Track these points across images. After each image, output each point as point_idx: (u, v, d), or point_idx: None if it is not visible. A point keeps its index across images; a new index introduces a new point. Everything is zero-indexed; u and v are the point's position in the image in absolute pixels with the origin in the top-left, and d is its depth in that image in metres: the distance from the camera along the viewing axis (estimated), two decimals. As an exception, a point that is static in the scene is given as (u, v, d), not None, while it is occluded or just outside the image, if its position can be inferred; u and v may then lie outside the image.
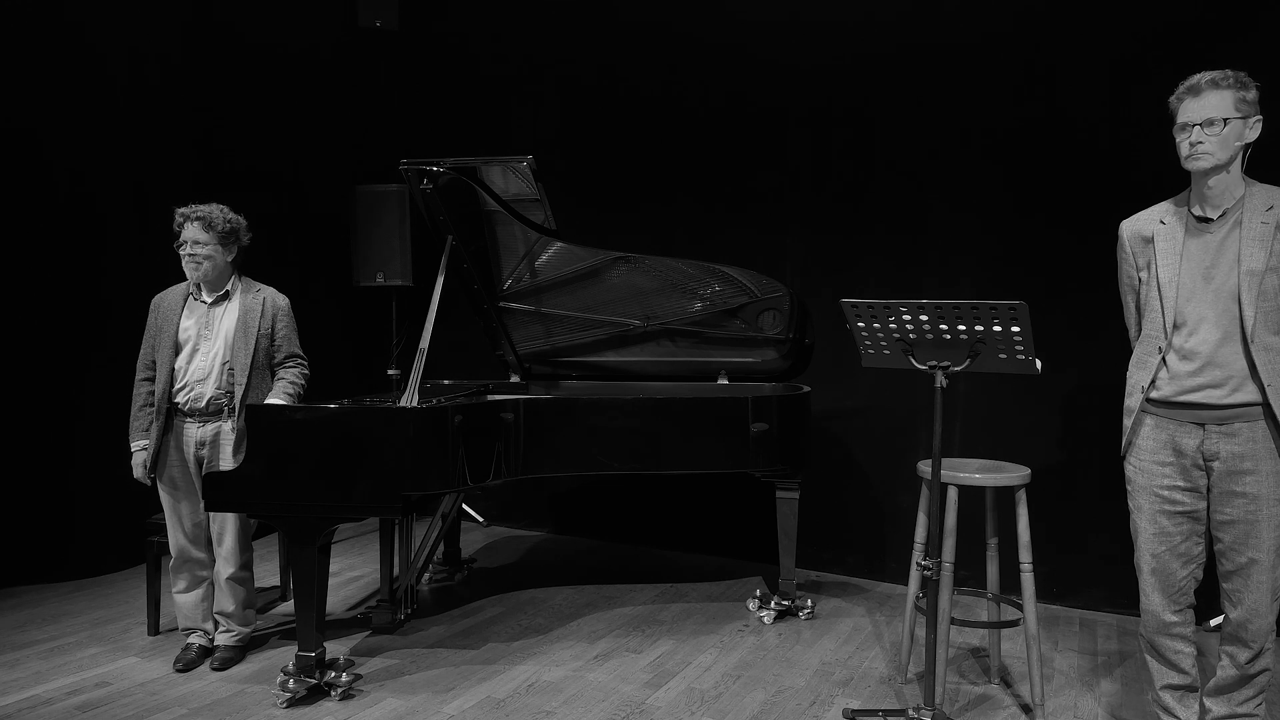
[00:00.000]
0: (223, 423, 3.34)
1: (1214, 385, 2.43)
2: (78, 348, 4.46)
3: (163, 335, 3.34)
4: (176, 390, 3.32)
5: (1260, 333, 2.38)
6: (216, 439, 3.34)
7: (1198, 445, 2.48)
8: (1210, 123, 2.36)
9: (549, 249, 4.23)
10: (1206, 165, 2.38)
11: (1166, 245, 2.53)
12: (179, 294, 3.43)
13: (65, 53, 4.35)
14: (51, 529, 4.40)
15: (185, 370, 3.32)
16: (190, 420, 3.32)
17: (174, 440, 3.34)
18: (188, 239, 3.30)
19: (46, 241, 4.34)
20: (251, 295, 3.43)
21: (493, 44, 5.56)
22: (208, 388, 3.32)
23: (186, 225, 3.30)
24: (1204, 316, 2.45)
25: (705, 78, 4.91)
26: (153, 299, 3.44)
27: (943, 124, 4.37)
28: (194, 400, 3.31)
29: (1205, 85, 2.38)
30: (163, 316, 3.37)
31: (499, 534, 5.49)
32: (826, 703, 3.16)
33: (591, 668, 3.44)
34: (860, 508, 4.64)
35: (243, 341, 3.34)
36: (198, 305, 3.38)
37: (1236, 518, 2.44)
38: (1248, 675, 2.52)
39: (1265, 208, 2.41)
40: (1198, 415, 2.47)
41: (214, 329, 3.35)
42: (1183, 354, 2.47)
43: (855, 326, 2.80)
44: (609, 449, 3.70)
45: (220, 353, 3.34)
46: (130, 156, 4.62)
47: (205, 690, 3.21)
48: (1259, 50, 3.67)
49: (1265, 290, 2.38)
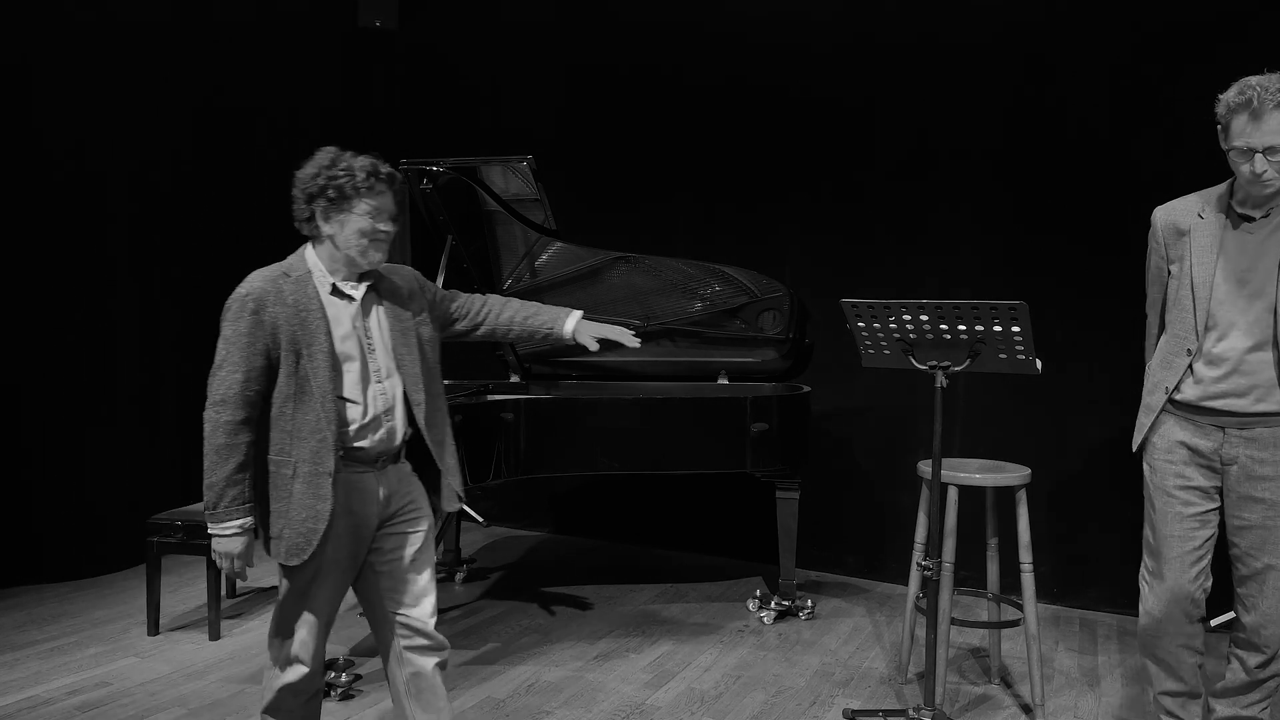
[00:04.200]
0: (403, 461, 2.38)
1: (1238, 394, 2.34)
2: (78, 347, 4.46)
3: (307, 348, 2.16)
4: (357, 429, 2.22)
5: None
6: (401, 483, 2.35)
7: (1215, 448, 2.40)
8: (1273, 150, 2.16)
9: (549, 249, 4.23)
10: (1273, 190, 2.23)
11: (1204, 242, 2.38)
12: (303, 282, 2.21)
13: (61, 54, 4.35)
14: (52, 529, 4.39)
15: (362, 400, 2.23)
16: (369, 469, 2.26)
17: (344, 503, 2.21)
18: (382, 208, 2.23)
19: (46, 241, 4.34)
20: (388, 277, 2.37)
21: (492, 43, 5.55)
22: (396, 419, 2.30)
23: (376, 187, 2.22)
24: (1234, 322, 2.33)
25: (706, 77, 4.91)
26: (241, 290, 2.19)
27: (944, 123, 4.37)
28: (387, 441, 2.28)
29: (1268, 107, 2.14)
30: (296, 319, 2.17)
31: (499, 534, 5.48)
32: (826, 703, 3.16)
33: (591, 668, 3.44)
34: (860, 508, 4.64)
35: (403, 343, 2.33)
36: (343, 302, 2.25)
37: (1254, 523, 2.37)
38: (1257, 680, 2.47)
39: None
40: (1219, 420, 2.39)
41: (374, 335, 2.30)
42: (1209, 359, 2.37)
43: (855, 326, 2.80)
44: (609, 449, 3.70)
45: (395, 368, 2.31)
46: (130, 156, 4.62)
47: (205, 690, 3.20)
48: (1259, 50, 3.66)
49: None
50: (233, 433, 2.14)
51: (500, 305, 2.59)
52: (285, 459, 2.18)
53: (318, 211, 2.21)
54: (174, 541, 3.66)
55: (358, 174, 2.19)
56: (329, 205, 2.20)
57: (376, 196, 2.21)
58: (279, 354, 2.16)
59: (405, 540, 2.32)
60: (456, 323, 2.54)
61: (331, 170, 2.19)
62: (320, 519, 2.16)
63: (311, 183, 2.21)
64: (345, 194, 2.18)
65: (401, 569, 2.31)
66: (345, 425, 2.20)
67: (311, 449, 2.16)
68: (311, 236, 2.27)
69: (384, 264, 2.32)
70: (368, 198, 2.19)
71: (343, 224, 2.20)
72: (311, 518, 2.16)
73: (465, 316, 2.55)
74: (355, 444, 2.22)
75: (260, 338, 2.15)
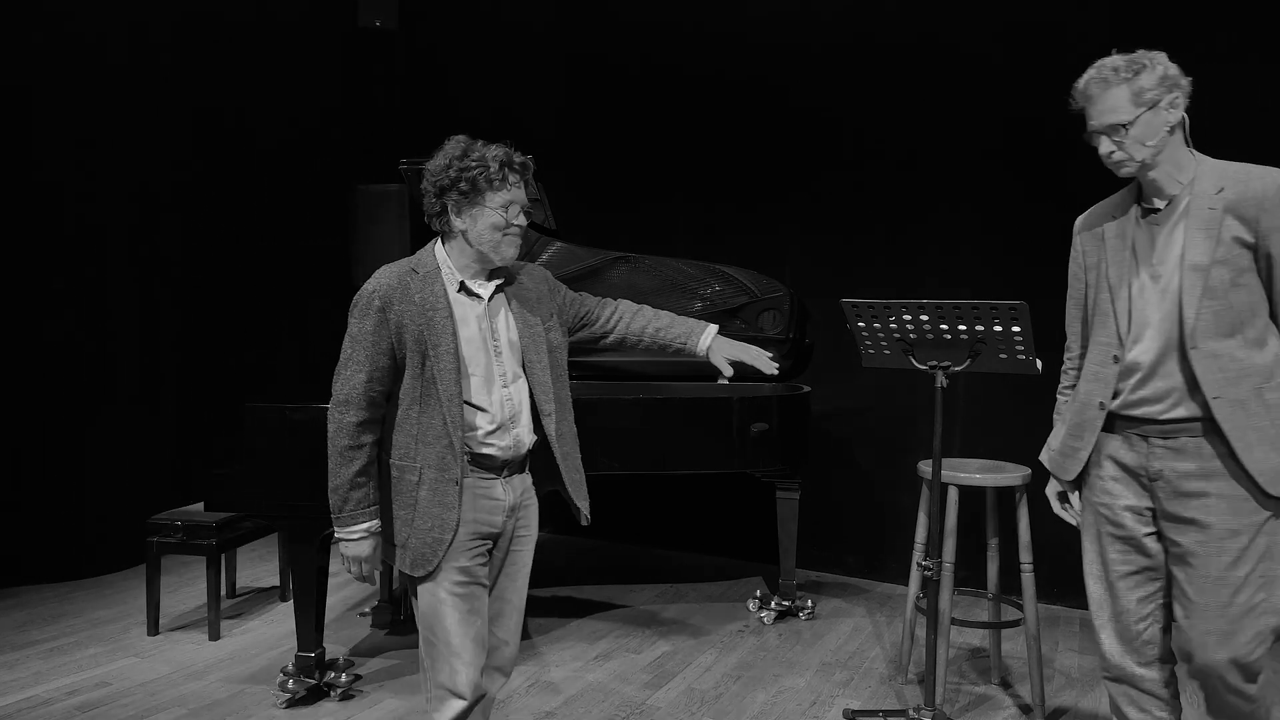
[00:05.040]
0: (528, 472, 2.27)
1: (1155, 399, 2.09)
2: (78, 347, 4.46)
3: (433, 349, 2.07)
4: (484, 435, 2.12)
5: (1204, 338, 2.02)
6: (524, 494, 2.25)
7: (1141, 461, 2.13)
8: (1113, 129, 2.04)
9: (549, 249, 4.23)
10: (1131, 170, 2.08)
11: (1117, 242, 2.19)
12: (431, 280, 2.12)
13: (62, 54, 4.35)
14: (52, 529, 4.39)
15: (489, 405, 2.13)
16: (495, 477, 2.16)
17: (469, 512, 2.11)
18: (518, 201, 2.13)
19: (46, 242, 4.34)
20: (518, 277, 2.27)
21: (492, 43, 5.55)
22: (522, 425, 2.20)
23: (509, 178, 2.10)
24: (1148, 321, 2.11)
25: (706, 77, 4.91)
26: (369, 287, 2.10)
27: (944, 123, 4.37)
28: (514, 449, 2.18)
29: (1094, 88, 2.05)
30: (421, 319, 2.07)
31: (499, 534, 5.48)
32: (826, 703, 3.16)
33: (591, 668, 3.44)
34: (860, 508, 4.64)
35: (533, 347, 2.23)
36: (470, 302, 2.15)
37: (1188, 549, 2.06)
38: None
39: (1215, 190, 2.04)
40: (1141, 429, 2.13)
41: (501, 338, 2.18)
42: (1127, 366, 2.14)
43: (855, 326, 2.79)
44: (608, 449, 3.69)
45: (521, 373, 2.22)
46: (129, 156, 4.62)
47: (205, 690, 3.20)
48: (1259, 48, 3.67)
49: (1213, 287, 2.02)
50: (356, 434, 2.07)
51: (630, 313, 2.42)
52: (410, 464, 2.08)
53: (449, 206, 2.09)
54: (174, 541, 3.66)
55: (490, 165, 2.06)
56: (461, 199, 2.07)
57: (510, 189, 2.09)
58: (404, 354, 2.06)
59: (514, 558, 2.24)
60: (584, 328, 2.40)
61: (463, 161, 2.06)
62: (446, 528, 2.06)
63: (443, 175, 2.07)
64: (478, 186, 2.06)
65: (500, 585, 2.24)
66: (472, 430, 2.10)
67: (438, 454, 2.06)
68: (442, 232, 2.16)
69: (516, 263, 2.22)
70: (501, 190, 2.08)
71: (475, 219, 2.08)
72: (437, 527, 2.06)
73: (595, 323, 2.40)
74: (481, 450, 2.11)
75: (385, 336, 2.06)
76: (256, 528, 3.88)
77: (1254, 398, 2.01)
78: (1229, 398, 2.00)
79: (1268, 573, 2.02)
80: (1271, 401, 2.02)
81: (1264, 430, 2.00)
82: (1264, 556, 2.02)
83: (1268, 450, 2.00)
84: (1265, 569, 2.02)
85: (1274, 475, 2.00)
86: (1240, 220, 2.01)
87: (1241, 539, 2.01)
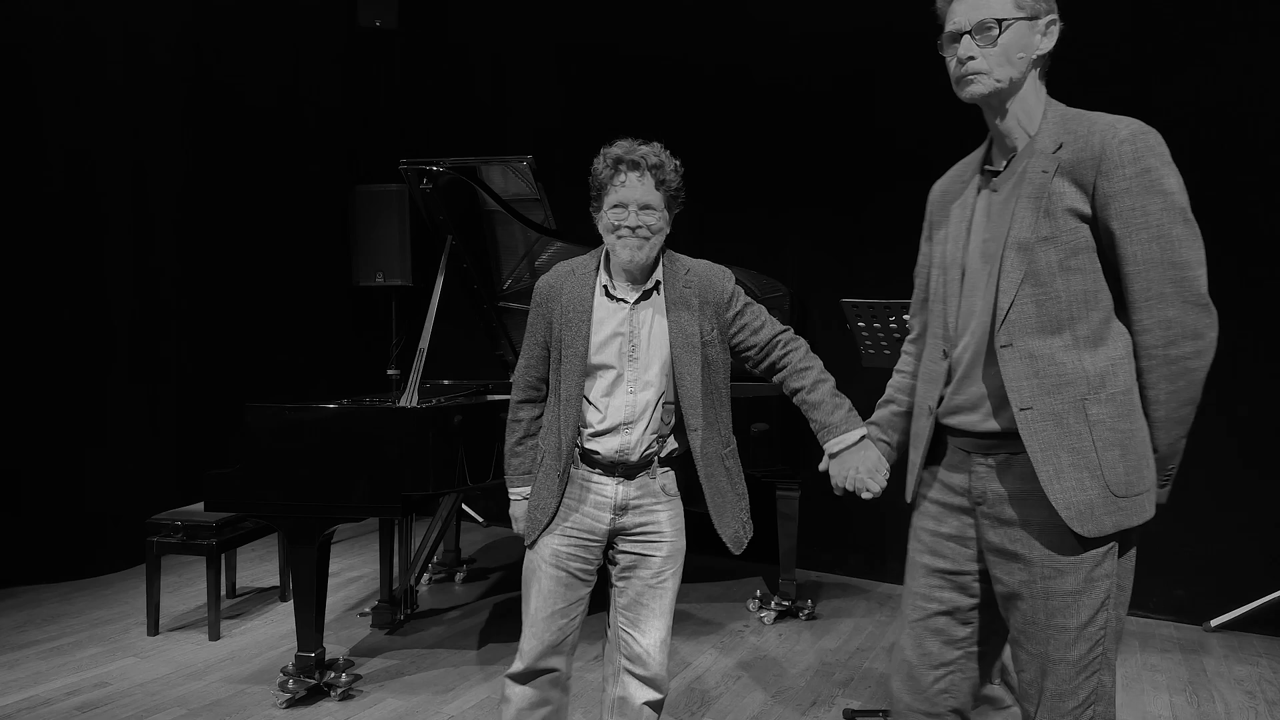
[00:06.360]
0: (653, 477, 2.20)
1: (970, 407, 1.69)
2: (78, 347, 4.46)
3: (566, 349, 2.13)
4: (591, 434, 2.15)
5: (1022, 333, 1.60)
6: (645, 498, 2.19)
7: (965, 482, 1.73)
8: (983, 27, 1.64)
9: (549, 248, 4.22)
10: (984, 90, 1.67)
11: (959, 212, 1.78)
12: (584, 280, 2.16)
13: (61, 55, 4.35)
14: (52, 529, 4.39)
15: (605, 406, 2.13)
16: (606, 476, 2.16)
17: (574, 504, 2.17)
18: (630, 201, 2.05)
19: (46, 242, 4.34)
20: (681, 283, 2.17)
21: (491, 43, 5.56)
22: (638, 435, 2.14)
23: (624, 176, 2.06)
24: (974, 310, 1.70)
25: (707, 74, 4.91)
26: (538, 282, 2.23)
27: (945, 122, 4.36)
28: (623, 453, 2.14)
29: None
30: (563, 317, 2.14)
31: (499, 534, 5.48)
32: (826, 703, 3.16)
33: (592, 668, 3.43)
34: (861, 508, 4.57)
35: (687, 359, 2.13)
36: (613, 305, 2.14)
37: (1013, 589, 1.65)
38: None
39: (1054, 146, 1.62)
40: (962, 442, 1.73)
41: (641, 344, 2.13)
42: (951, 364, 1.75)
43: (855, 326, 2.79)
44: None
45: (657, 382, 2.13)
46: (129, 157, 4.62)
47: (205, 690, 3.20)
48: (1253, 50, 3.66)
49: (1038, 270, 1.59)
50: (516, 410, 2.28)
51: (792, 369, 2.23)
52: (542, 446, 2.23)
53: (593, 210, 2.16)
54: (174, 541, 3.66)
55: (602, 166, 2.09)
56: (593, 202, 2.15)
57: (620, 187, 2.05)
58: (553, 348, 2.19)
59: (641, 561, 2.21)
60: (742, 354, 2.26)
61: (595, 165, 2.12)
62: (545, 512, 2.17)
63: (592, 181, 2.14)
64: (598, 189, 2.11)
65: (635, 589, 2.23)
66: (583, 428, 2.16)
67: (553, 444, 2.18)
68: None
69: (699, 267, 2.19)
70: (610, 189, 2.07)
71: (599, 221, 2.13)
72: (539, 508, 2.19)
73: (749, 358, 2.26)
74: (589, 446, 2.16)
75: (539, 329, 2.20)
76: (256, 528, 3.88)
77: (1073, 411, 1.56)
78: (1042, 410, 1.57)
79: (1109, 624, 1.62)
80: (1096, 418, 1.56)
81: (1081, 453, 1.56)
82: (1103, 606, 1.60)
83: (1082, 477, 1.55)
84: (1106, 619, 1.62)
85: (1084, 511, 1.55)
86: (1077, 185, 1.58)
87: (1067, 580, 1.58)
